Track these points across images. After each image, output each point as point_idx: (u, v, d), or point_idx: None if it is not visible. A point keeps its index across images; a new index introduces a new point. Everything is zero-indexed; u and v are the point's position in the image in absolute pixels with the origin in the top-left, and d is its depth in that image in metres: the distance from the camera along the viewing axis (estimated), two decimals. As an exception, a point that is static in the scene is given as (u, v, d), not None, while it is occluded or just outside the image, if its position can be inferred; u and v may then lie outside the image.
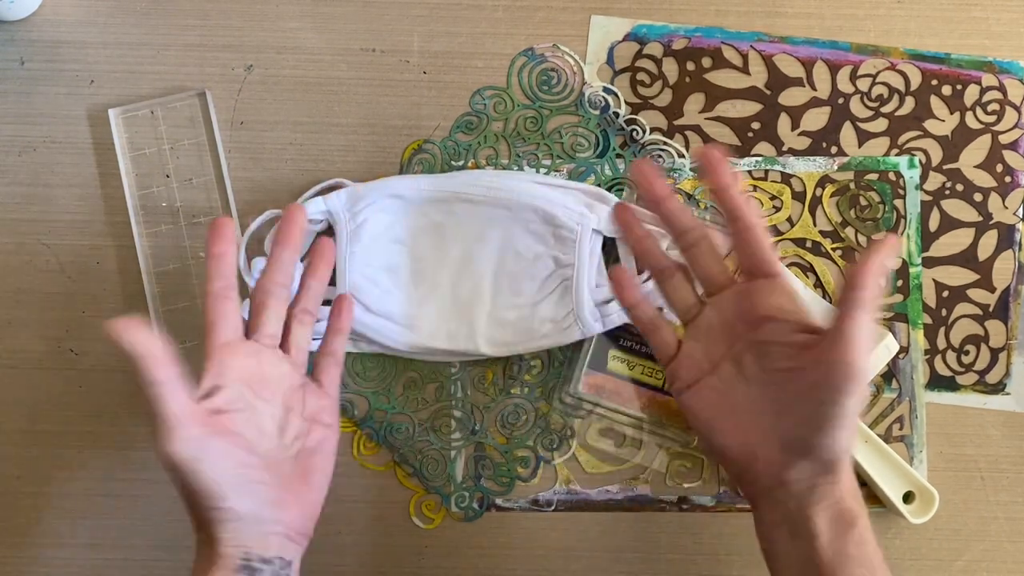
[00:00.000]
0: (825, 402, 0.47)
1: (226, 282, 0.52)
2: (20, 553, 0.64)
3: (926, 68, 0.66)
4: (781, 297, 0.51)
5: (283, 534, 0.50)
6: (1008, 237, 0.65)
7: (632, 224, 0.55)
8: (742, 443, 0.51)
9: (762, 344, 0.51)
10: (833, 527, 0.48)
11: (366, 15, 0.66)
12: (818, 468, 0.49)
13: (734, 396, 0.51)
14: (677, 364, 0.53)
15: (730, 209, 0.52)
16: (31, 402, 0.64)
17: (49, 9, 0.65)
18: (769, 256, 0.52)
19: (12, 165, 0.65)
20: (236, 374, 0.51)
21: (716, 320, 0.53)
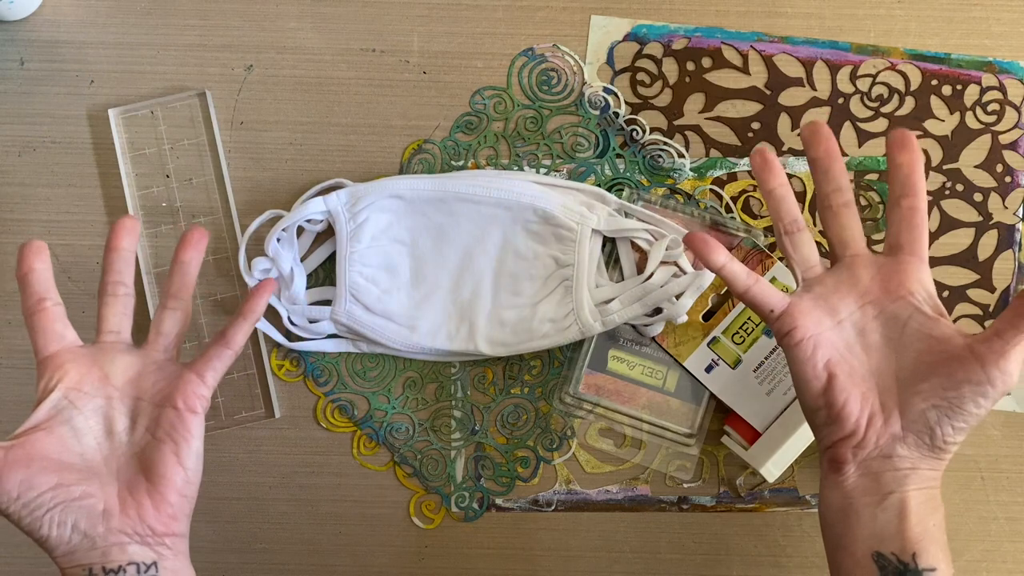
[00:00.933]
0: (968, 396, 0.49)
1: (39, 296, 0.51)
2: (20, 553, 0.64)
3: (926, 68, 0.66)
4: (925, 277, 0.52)
5: (128, 541, 0.48)
6: (1008, 237, 0.65)
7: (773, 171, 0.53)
8: (862, 408, 0.50)
9: (898, 317, 0.51)
10: (924, 510, 0.50)
11: (366, 15, 0.66)
12: (931, 452, 0.50)
13: (853, 357, 0.51)
14: (796, 310, 0.51)
15: (908, 185, 0.52)
16: (31, 402, 0.64)
17: (49, 9, 0.65)
18: (924, 238, 0.52)
19: (12, 165, 0.65)
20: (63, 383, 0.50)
21: (848, 279, 0.52)
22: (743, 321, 0.63)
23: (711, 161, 0.65)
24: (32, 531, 0.47)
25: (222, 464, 0.64)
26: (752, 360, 0.63)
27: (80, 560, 0.47)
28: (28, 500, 0.47)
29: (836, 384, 0.50)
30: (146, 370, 0.52)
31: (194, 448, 0.50)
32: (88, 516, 0.47)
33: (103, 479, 0.49)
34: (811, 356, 0.51)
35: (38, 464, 0.47)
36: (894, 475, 0.50)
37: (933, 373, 0.50)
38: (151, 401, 0.51)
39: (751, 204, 0.65)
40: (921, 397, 0.50)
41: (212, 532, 0.64)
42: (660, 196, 0.65)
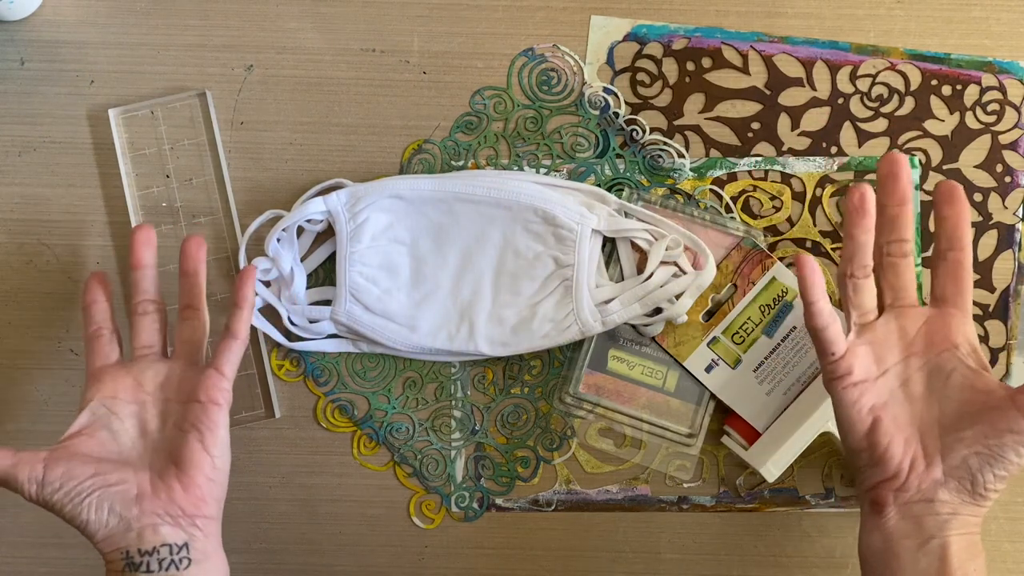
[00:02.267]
0: (1010, 445, 0.50)
1: (95, 328, 0.57)
2: (20, 553, 0.64)
3: (926, 68, 0.66)
4: (969, 331, 0.54)
5: (160, 523, 0.52)
6: (1008, 237, 0.65)
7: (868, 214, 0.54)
8: (906, 451, 0.52)
9: (942, 368, 0.53)
10: (964, 556, 0.51)
11: (366, 15, 0.66)
12: (972, 498, 0.51)
13: (896, 405, 0.53)
14: (852, 356, 0.53)
15: (955, 239, 0.54)
16: (31, 402, 0.64)
17: (49, 9, 0.65)
18: (969, 291, 0.54)
19: (12, 165, 0.65)
20: (102, 393, 0.55)
21: (896, 330, 0.54)
22: (743, 321, 0.63)
23: (711, 161, 0.65)
24: (74, 517, 0.52)
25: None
26: (752, 360, 0.63)
27: (117, 543, 0.52)
28: (69, 489, 0.52)
29: (880, 428, 0.52)
30: (174, 375, 0.57)
31: (220, 437, 0.54)
32: (123, 500, 0.52)
33: (136, 468, 0.54)
34: (858, 400, 0.52)
35: (79, 459, 0.53)
36: (935, 520, 0.51)
37: (976, 421, 0.51)
38: (177, 400, 0.56)
39: (751, 204, 0.65)
40: (964, 444, 0.51)
41: (212, 532, 0.64)
42: (660, 196, 0.65)
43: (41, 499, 0.52)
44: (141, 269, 0.58)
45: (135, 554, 0.51)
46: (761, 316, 0.63)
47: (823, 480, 0.64)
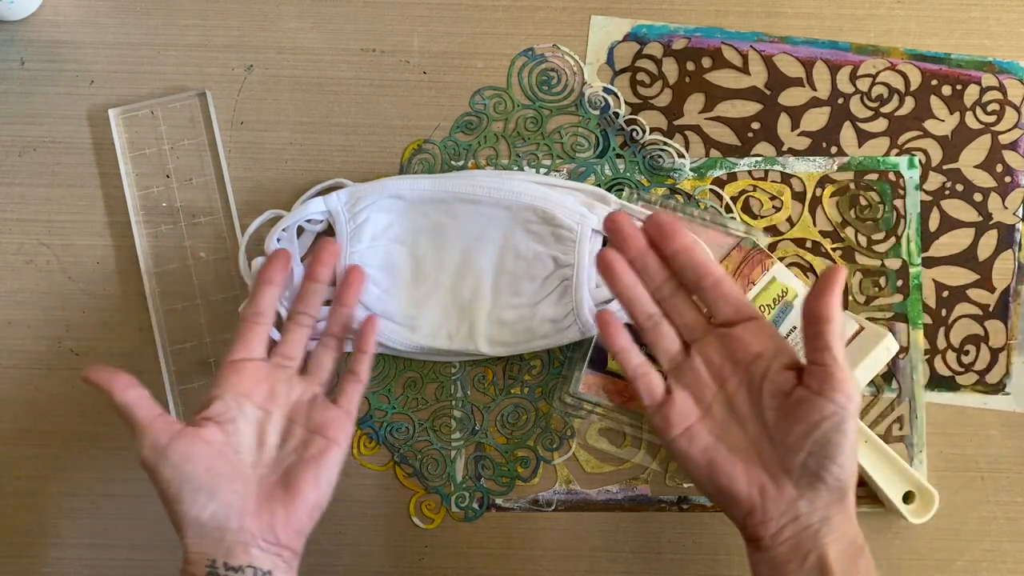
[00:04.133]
0: (833, 432, 0.49)
1: (258, 310, 0.56)
2: (20, 553, 0.64)
3: (926, 68, 0.66)
4: (765, 336, 0.52)
5: (254, 543, 0.51)
6: (1008, 237, 0.65)
7: (620, 273, 0.54)
8: (748, 483, 0.51)
9: (754, 383, 0.52)
10: (844, 560, 0.49)
11: (366, 15, 0.66)
12: (831, 497, 0.50)
13: (731, 437, 0.52)
14: (669, 409, 0.53)
15: (697, 267, 0.53)
16: (31, 402, 0.64)
17: (49, 9, 0.65)
18: (746, 301, 0.53)
19: (12, 165, 0.65)
20: (237, 388, 0.54)
21: (702, 365, 0.53)
22: (743, 321, 0.63)
23: (711, 161, 0.65)
24: (176, 503, 0.51)
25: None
26: (752, 360, 0.63)
27: (206, 549, 0.50)
28: (185, 473, 0.51)
29: (717, 469, 0.51)
30: (304, 398, 0.56)
31: (333, 477, 0.54)
32: (226, 508, 0.51)
33: (246, 481, 0.53)
34: (689, 448, 0.52)
35: (201, 446, 0.52)
36: (808, 533, 0.50)
37: (794, 424, 0.50)
38: (303, 426, 0.55)
39: (751, 204, 0.65)
40: (795, 450, 0.50)
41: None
42: (660, 196, 0.65)
43: (151, 466, 0.51)
44: (315, 283, 0.59)
45: (221, 567, 0.50)
46: (761, 316, 0.63)
47: (823, 480, 0.64)
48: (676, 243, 0.53)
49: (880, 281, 0.65)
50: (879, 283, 0.65)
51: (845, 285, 0.64)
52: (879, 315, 0.65)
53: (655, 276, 0.54)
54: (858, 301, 0.65)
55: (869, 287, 0.65)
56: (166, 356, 0.64)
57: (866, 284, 0.65)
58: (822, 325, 0.49)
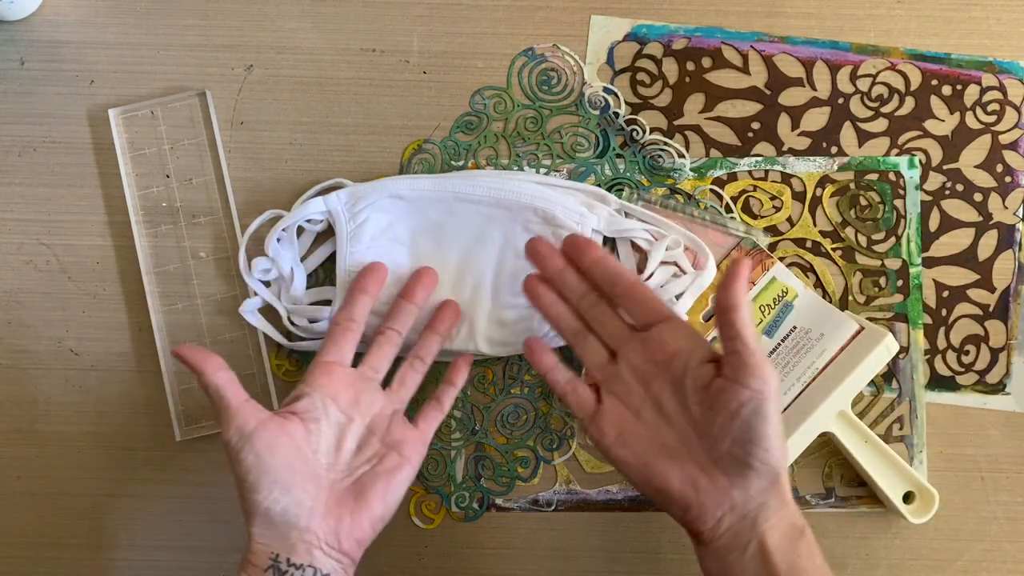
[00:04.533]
0: (752, 417, 0.49)
1: (351, 316, 0.57)
2: (20, 553, 0.64)
3: (926, 68, 0.66)
4: (682, 335, 0.53)
5: (317, 545, 0.51)
6: (1008, 237, 0.65)
7: (542, 293, 0.57)
8: (682, 479, 0.51)
9: (676, 381, 0.53)
10: (784, 543, 0.49)
11: (366, 15, 0.66)
12: (762, 483, 0.50)
13: (662, 437, 0.53)
14: (600, 419, 0.54)
15: (610, 276, 0.55)
16: (31, 402, 0.64)
17: (49, 9, 0.65)
18: (659, 303, 0.54)
19: (12, 165, 0.65)
20: (325, 389, 0.55)
21: (628, 371, 0.55)
22: (743, 321, 0.63)
23: (711, 161, 0.65)
24: (254, 491, 0.51)
25: (222, 464, 0.64)
26: (752, 360, 0.63)
27: (271, 543, 0.51)
28: (266, 463, 0.51)
29: (651, 470, 0.52)
30: (386, 412, 0.57)
31: (400, 495, 0.55)
32: (297, 506, 0.51)
33: (319, 483, 0.53)
34: (623, 454, 0.53)
35: (284, 439, 0.52)
36: (744, 522, 0.50)
37: (716, 414, 0.50)
38: (381, 440, 0.56)
39: (751, 204, 0.65)
40: (720, 440, 0.50)
41: (212, 532, 0.64)
42: (660, 196, 0.65)
43: (234, 451, 0.51)
44: (410, 304, 0.60)
45: (284, 562, 0.50)
46: (761, 316, 0.63)
47: (823, 480, 0.64)
48: (589, 256, 0.56)
49: (880, 281, 0.65)
50: (879, 283, 0.65)
51: (846, 284, 0.65)
52: (879, 315, 0.65)
53: (575, 290, 0.56)
54: (858, 301, 0.65)
55: (869, 287, 0.65)
56: (166, 356, 0.64)
57: (866, 284, 0.65)
58: (730, 314, 0.49)
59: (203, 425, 0.64)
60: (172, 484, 0.64)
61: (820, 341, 0.62)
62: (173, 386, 0.64)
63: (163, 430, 0.64)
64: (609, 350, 0.56)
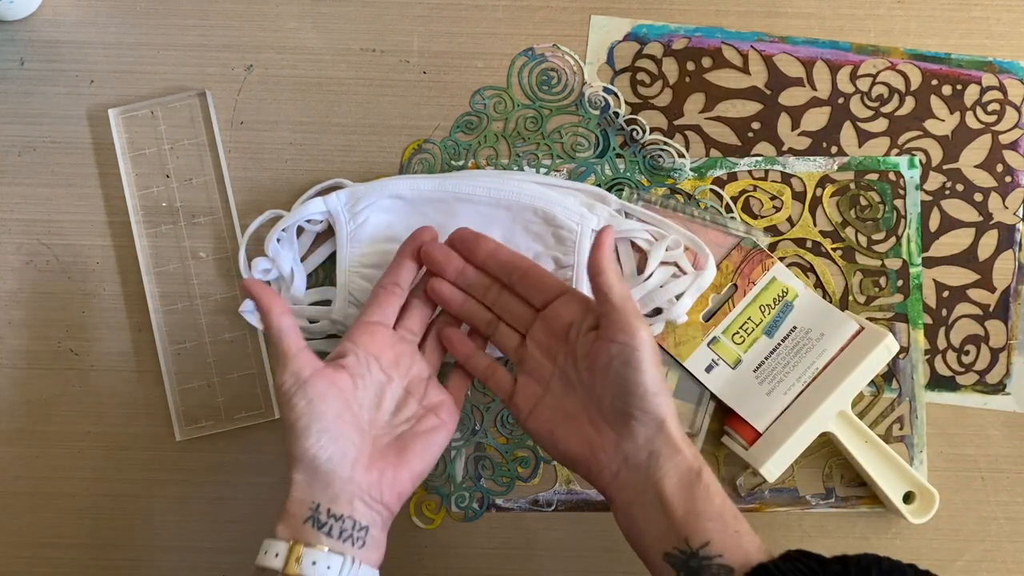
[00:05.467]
0: (623, 368, 0.51)
1: (396, 280, 0.58)
2: (21, 553, 0.64)
3: (926, 68, 0.66)
4: (574, 304, 0.56)
5: (358, 496, 0.52)
6: (1008, 237, 0.65)
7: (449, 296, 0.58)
8: (579, 441, 0.54)
9: (572, 349, 0.55)
10: (680, 489, 0.51)
11: (366, 15, 0.66)
12: (648, 432, 0.52)
13: (567, 406, 0.55)
14: (516, 397, 0.56)
15: (504, 266, 0.57)
16: (31, 402, 0.64)
17: (49, 9, 0.65)
18: (552, 280, 0.57)
19: (12, 165, 0.65)
20: (368, 348, 0.56)
21: (536, 349, 0.57)
22: (743, 321, 0.63)
23: (711, 161, 0.65)
24: (303, 437, 0.52)
25: (222, 464, 0.64)
26: (752, 360, 0.63)
27: (312, 492, 0.51)
28: (318, 410, 0.52)
29: (556, 436, 0.55)
30: (422, 375, 0.58)
31: (437, 455, 0.56)
32: (342, 456, 0.52)
33: (363, 435, 0.54)
34: (536, 426, 0.55)
35: (335, 389, 0.53)
36: (638, 472, 0.52)
37: (596, 373, 0.53)
38: (419, 401, 0.57)
39: (751, 204, 0.65)
40: (603, 398, 0.53)
41: (212, 532, 0.64)
42: (660, 196, 0.65)
43: (288, 395, 0.52)
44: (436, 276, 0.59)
45: (324, 512, 0.51)
46: (761, 316, 0.63)
47: (823, 480, 0.64)
48: (481, 251, 0.57)
49: (880, 281, 0.65)
50: (879, 283, 0.65)
51: (846, 284, 0.65)
52: (879, 315, 0.65)
53: (478, 285, 0.58)
54: (858, 301, 0.65)
55: (869, 287, 0.65)
56: (166, 356, 0.64)
57: (866, 284, 0.65)
58: (596, 277, 0.53)
59: (203, 425, 0.64)
60: (172, 484, 0.64)
61: (820, 341, 0.62)
62: (173, 386, 0.64)
63: (163, 430, 0.64)
64: (519, 334, 0.58)
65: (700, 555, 0.49)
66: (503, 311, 0.58)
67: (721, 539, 0.49)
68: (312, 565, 0.49)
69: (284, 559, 0.50)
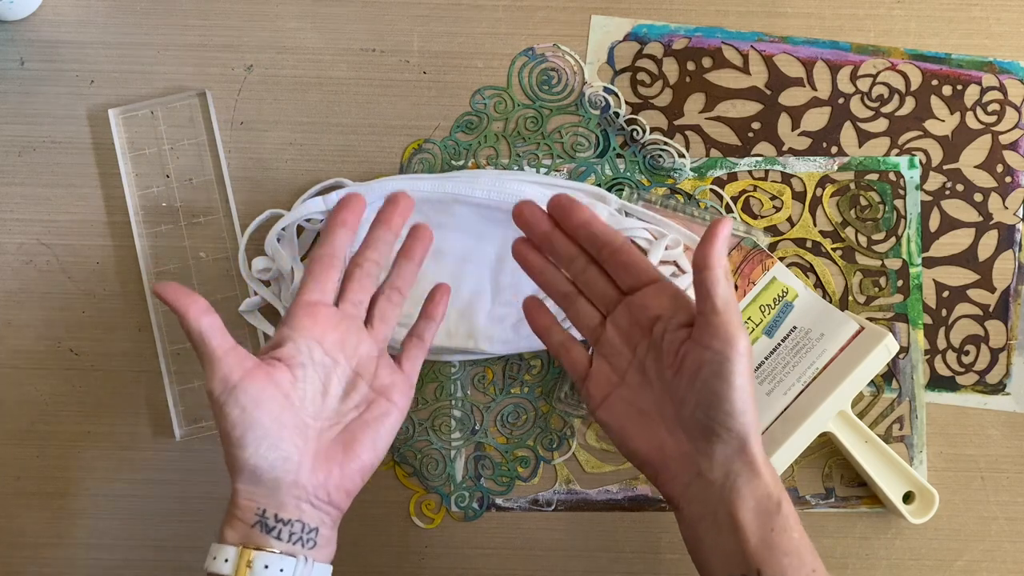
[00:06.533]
0: (713, 378, 0.48)
1: (333, 251, 0.54)
2: (20, 553, 0.64)
3: (926, 68, 0.66)
4: (664, 297, 0.52)
5: (305, 500, 0.50)
6: (1008, 237, 0.65)
7: (531, 258, 0.56)
8: (651, 442, 0.51)
9: (657, 344, 0.52)
10: (757, 516, 0.48)
11: (366, 15, 0.66)
12: (728, 450, 0.49)
13: (642, 401, 0.52)
14: (589, 382, 0.54)
15: (596, 239, 0.53)
16: (31, 402, 0.64)
17: (49, 9, 0.65)
18: (645, 265, 0.53)
19: (12, 165, 0.65)
20: (310, 332, 0.52)
21: (615, 334, 0.54)
22: (743, 321, 0.63)
23: (711, 161, 0.65)
24: (239, 448, 0.49)
25: (222, 464, 0.64)
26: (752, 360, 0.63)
27: (259, 499, 0.49)
28: (253, 418, 0.49)
29: (627, 432, 0.52)
30: (372, 353, 0.54)
31: (389, 442, 0.53)
32: (285, 462, 0.49)
33: (307, 436, 0.51)
34: (608, 418, 0.53)
35: (271, 389, 0.50)
36: (712, 490, 0.49)
37: (682, 377, 0.50)
38: (369, 384, 0.53)
39: (751, 204, 0.65)
40: (685, 405, 0.50)
41: (212, 532, 0.64)
42: (660, 196, 0.65)
43: (218, 403, 0.49)
44: (387, 231, 0.56)
45: (271, 518, 0.49)
46: (761, 316, 0.63)
47: (823, 480, 0.64)
48: (575, 219, 0.53)
49: (880, 281, 0.65)
50: (879, 283, 0.65)
51: (846, 284, 0.65)
52: (879, 315, 0.65)
53: (564, 253, 0.54)
54: (858, 301, 0.65)
55: (869, 287, 0.65)
56: (166, 356, 0.64)
57: (866, 284, 0.65)
58: (702, 273, 0.48)
59: (203, 425, 0.64)
60: (172, 484, 0.64)
61: (820, 341, 0.62)
62: (173, 386, 0.64)
63: (163, 430, 0.64)
64: (600, 313, 0.55)
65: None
66: (585, 285, 0.55)
67: None
68: (264, 569, 0.47)
69: (235, 564, 0.48)
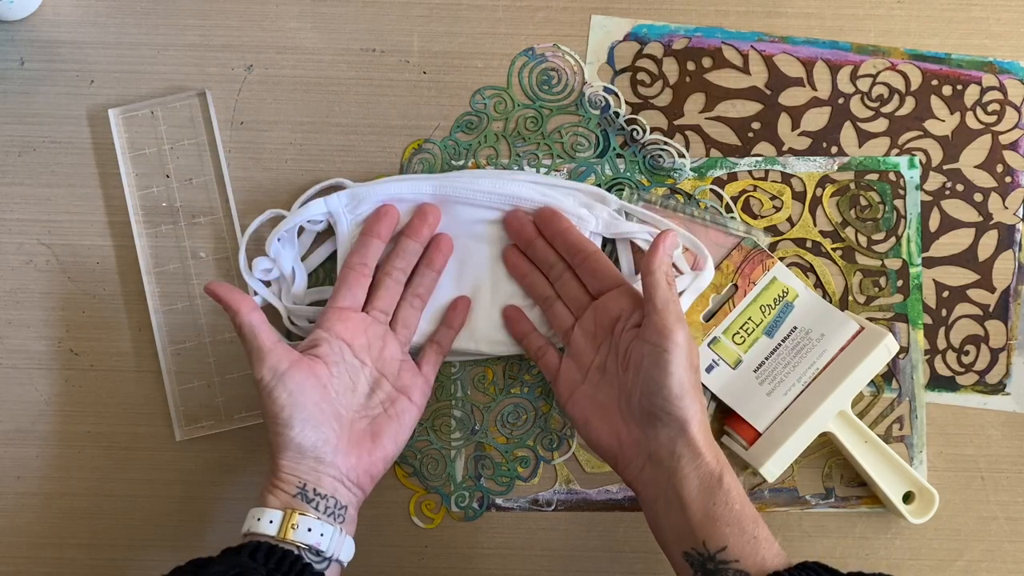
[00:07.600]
0: (652, 368, 0.53)
1: (364, 260, 0.59)
2: (21, 553, 0.64)
3: (926, 68, 0.66)
4: (624, 299, 0.58)
5: (337, 478, 0.55)
6: (1008, 237, 0.65)
7: (517, 262, 0.61)
8: (609, 432, 0.56)
9: (615, 343, 0.57)
10: (701, 493, 0.52)
11: (366, 15, 0.66)
12: (670, 432, 0.53)
13: (602, 396, 0.57)
14: (558, 380, 0.59)
15: (571, 246, 0.59)
16: (31, 402, 0.64)
17: (49, 9, 0.65)
18: (610, 271, 0.59)
19: (12, 165, 0.65)
20: (341, 334, 0.58)
21: (581, 336, 0.59)
22: (743, 321, 0.63)
23: (711, 161, 0.65)
24: (287, 427, 0.54)
25: (222, 464, 0.64)
26: (752, 360, 0.63)
27: (301, 474, 0.54)
28: (298, 401, 0.54)
29: (589, 425, 0.57)
30: (395, 356, 0.60)
31: (408, 436, 0.59)
32: (325, 442, 0.55)
33: (341, 423, 0.56)
34: (574, 412, 0.58)
35: (313, 379, 0.55)
36: (661, 471, 0.53)
37: (629, 370, 0.55)
38: (392, 384, 0.59)
39: (751, 204, 0.65)
40: (632, 395, 0.55)
41: (212, 532, 0.64)
42: (660, 196, 0.65)
43: (268, 388, 0.54)
44: (415, 242, 0.60)
45: (310, 491, 0.53)
46: (762, 316, 0.63)
47: (823, 480, 0.64)
48: (554, 227, 0.60)
49: (880, 281, 0.65)
50: (879, 283, 0.65)
51: (846, 284, 0.65)
52: (879, 315, 0.65)
53: (544, 259, 0.60)
54: (858, 301, 0.65)
55: (869, 287, 0.65)
56: (166, 356, 0.64)
57: (866, 284, 0.65)
58: (645, 278, 0.55)
59: (203, 425, 0.64)
60: (172, 484, 0.64)
61: (820, 341, 0.62)
62: (173, 386, 0.64)
63: (163, 430, 0.64)
64: (573, 316, 0.60)
65: (717, 559, 0.50)
66: (562, 290, 0.60)
67: (738, 544, 0.50)
68: (308, 532, 0.52)
69: (279, 526, 0.52)
